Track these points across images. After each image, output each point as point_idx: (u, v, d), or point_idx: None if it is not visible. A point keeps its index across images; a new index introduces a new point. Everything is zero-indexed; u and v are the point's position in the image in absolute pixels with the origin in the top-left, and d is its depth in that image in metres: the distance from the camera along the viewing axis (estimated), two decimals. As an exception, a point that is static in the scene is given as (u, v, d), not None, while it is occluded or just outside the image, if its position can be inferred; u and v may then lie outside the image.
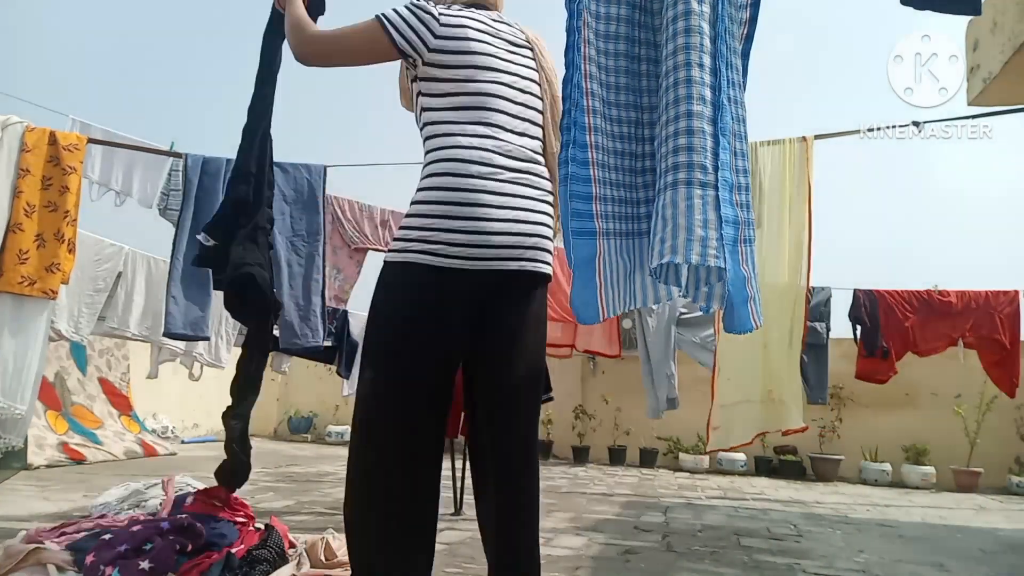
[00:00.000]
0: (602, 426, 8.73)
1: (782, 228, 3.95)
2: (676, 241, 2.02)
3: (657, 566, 3.00)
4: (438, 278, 1.75)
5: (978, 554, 3.74)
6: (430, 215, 1.78)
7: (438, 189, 1.79)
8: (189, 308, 3.72)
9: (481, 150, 1.82)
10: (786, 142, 3.94)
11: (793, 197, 3.91)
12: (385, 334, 1.80)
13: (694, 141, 2.09)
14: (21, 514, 3.56)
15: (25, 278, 3.27)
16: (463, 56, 1.86)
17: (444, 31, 1.86)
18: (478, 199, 1.79)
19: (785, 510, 5.10)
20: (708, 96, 2.13)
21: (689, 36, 2.13)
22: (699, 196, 2.05)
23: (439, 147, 1.84)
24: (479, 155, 1.82)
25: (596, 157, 2.29)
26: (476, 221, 1.77)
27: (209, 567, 2.14)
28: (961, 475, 7.23)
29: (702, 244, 2.02)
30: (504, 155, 1.86)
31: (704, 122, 2.12)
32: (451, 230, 1.76)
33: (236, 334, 6.27)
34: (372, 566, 1.70)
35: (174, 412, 8.63)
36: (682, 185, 2.07)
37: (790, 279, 3.94)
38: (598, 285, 2.30)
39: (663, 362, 5.71)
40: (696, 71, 2.12)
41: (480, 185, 1.80)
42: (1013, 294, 5.94)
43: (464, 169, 1.79)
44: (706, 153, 2.11)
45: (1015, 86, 3.65)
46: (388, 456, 1.72)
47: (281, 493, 4.84)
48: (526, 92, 1.97)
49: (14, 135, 3.37)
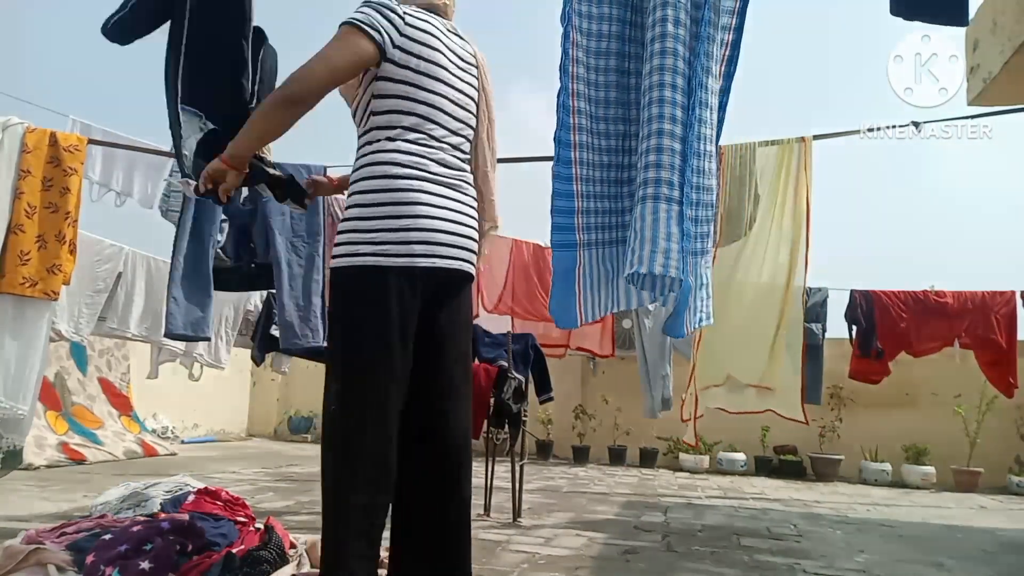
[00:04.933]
0: (602, 426, 8.73)
1: (779, 228, 3.96)
2: (643, 252, 2.17)
3: (657, 566, 3.01)
4: (386, 278, 1.80)
5: (978, 554, 3.74)
6: (371, 217, 1.82)
7: (377, 192, 1.83)
8: (190, 309, 3.71)
9: (418, 156, 1.86)
10: (785, 142, 3.94)
11: (791, 197, 3.92)
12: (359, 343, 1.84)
13: (663, 158, 2.23)
14: (21, 514, 3.56)
15: (27, 279, 3.27)
16: (420, 62, 1.88)
17: (408, 31, 1.86)
18: (415, 198, 1.83)
19: (785, 510, 5.10)
20: (679, 116, 2.25)
21: (664, 58, 2.24)
22: (664, 210, 2.20)
23: (378, 150, 1.86)
24: (415, 160, 1.85)
25: (581, 172, 2.38)
26: (415, 219, 1.82)
27: (209, 567, 2.14)
28: (961, 475, 7.23)
29: (665, 256, 2.17)
30: (438, 163, 1.91)
31: (674, 140, 2.24)
32: (391, 229, 1.81)
33: (236, 335, 6.27)
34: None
35: (174, 412, 8.63)
36: (650, 200, 2.21)
37: (786, 279, 3.95)
38: (577, 293, 2.43)
39: (659, 363, 5.76)
40: (669, 91, 2.24)
41: (417, 186, 1.84)
42: (1010, 295, 5.94)
43: (401, 172, 1.83)
44: (673, 170, 2.24)
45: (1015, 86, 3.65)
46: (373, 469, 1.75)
47: (281, 493, 4.84)
48: (465, 109, 2.00)
49: (14, 136, 3.37)
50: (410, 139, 1.87)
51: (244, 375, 10.36)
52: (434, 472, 1.87)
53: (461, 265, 1.92)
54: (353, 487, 1.74)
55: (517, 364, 4.12)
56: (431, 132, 1.90)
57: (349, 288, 1.84)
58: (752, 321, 4.07)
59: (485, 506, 4.09)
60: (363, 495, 1.73)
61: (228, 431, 10.01)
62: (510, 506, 4.02)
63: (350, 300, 1.84)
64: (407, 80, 1.86)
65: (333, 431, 1.81)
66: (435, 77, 1.90)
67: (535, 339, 4.42)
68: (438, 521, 1.87)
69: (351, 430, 1.77)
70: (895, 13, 2.67)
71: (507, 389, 3.80)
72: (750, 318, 4.07)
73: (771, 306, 3.98)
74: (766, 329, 4.02)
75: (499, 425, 3.94)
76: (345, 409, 1.79)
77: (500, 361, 4.04)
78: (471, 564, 1.91)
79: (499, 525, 3.80)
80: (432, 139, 1.90)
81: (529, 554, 3.09)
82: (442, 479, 1.87)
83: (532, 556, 3.05)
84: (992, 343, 5.84)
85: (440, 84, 1.92)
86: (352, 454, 1.76)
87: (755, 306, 4.04)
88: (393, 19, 1.83)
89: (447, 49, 1.95)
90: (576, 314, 2.43)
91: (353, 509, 1.73)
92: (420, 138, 1.88)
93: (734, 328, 4.09)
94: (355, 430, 1.76)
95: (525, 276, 5.72)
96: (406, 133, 1.87)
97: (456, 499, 1.89)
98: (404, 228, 1.81)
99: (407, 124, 1.87)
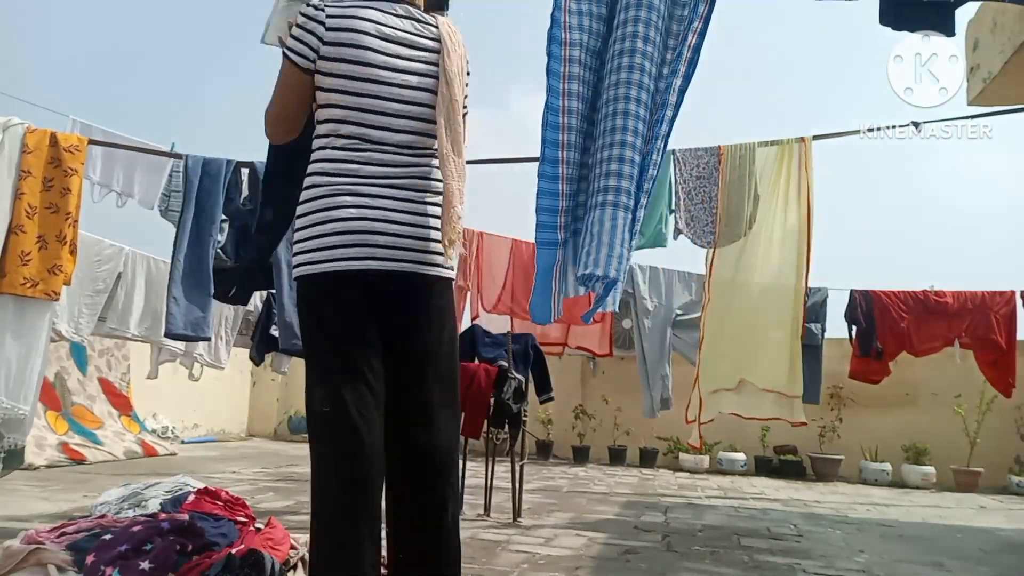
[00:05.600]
0: (602, 426, 8.73)
1: (781, 228, 3.96)
2: (599, 256, 2.31)
3: (657, 566, 3.01)
4: (337, 284, 1.80)
5: (978, 554, 3.74)
6: (311, 224, 1.82)
7: (306, 202, 1.84)
8: (190, 309, 3.71)
9: (346, 162, 1.83)
10: (784, 142, 3.94)
11: (791, 198, 3.92)
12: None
13: (623, 168, 2.35)
14: (21, 514, 3.56)
15: (27, 280, 3.27)
16: (344, 65, 1.82)
17: (330, 36, 1.82)
18: (340, 202, 1.80)
19: (785, 510, 5.11)
20: (641, 129, 2.32)
21: (632, 72, 2.37)
22: (621, 218, 2.33)
23: (315, 159, 1.87)
24: (342, 167, 1.83)
25: (568, 172, 2.45)
26: (341, 222, 1.79)
27: (209, 567, 2.14)
28: (961, 475, 7.23)
29: (619, 261, 2.32)
30: (376, 164, 1.85)
31: (635, 152, 2.35)
32: (317, 236, 1.80)
33: (236, 335, 6.27)
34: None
35: (174, 412, 8.63)
36: (609, 207, 2.33)
37: (795, 279, 3.95)
38: (552, 291, 2.52)
39: (658, 363, 5.77)
40: (634, 105, 2.35)
41: (343, 189, 1.81)
42: (1009, 295, 5.94)
43: (324, 180, 1.82)
44: (632, 180, 2.36)
45: (1015, 86, 3.66)
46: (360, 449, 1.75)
47: (281, 493, 4.84)
48: (411, 102, 1.89)
49: (15, 136, 3.36)
50: (338, 145, 1.84)
51: (244, 375, 10.36)
52: (409, 469, 1.85)
53: (413, 267, 1.85)
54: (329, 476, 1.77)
55: (517, 364, 4.12)
56: (365, 136, 1.85)
57: (302, 296, 1.89)
58: (761, 323, 4.07)
59: (485, 506, 4.09)
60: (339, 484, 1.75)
61: (228, 431, 10.01)
62: (510, 506, 4.02)
63: (302, 309, 1.91)
64: (335, 88, 1.83)
65: (310, 427, 1.86)
66: (365, 78, 1.83)
67: (535, 339, 4.43)
68: (417, 516, 1.85)
69: (319, 424, 1.80)
70: (884, 23, 2.76)
71: (507, 389, 3.80)
72: (758, 320, 4.07)
73: (781, 308, 3.98)
74: (779, 332, 4.02)
75: (499, 425, 3.94)
76: (312, 406, 1.83)
77: (500, 361, 4.04)
78: (457, 563, 1.89)
79: (499, 525, 3.80)
80: (367, 141, 1.85)
81: (529, 554, 3.09)
82: (417, 477, 1.85)
83: (532, 556, 3.05)
84: (992, 343, 5.84)
85: (372, 84, 1.84)
86: (322, 447, 1.79)
87: (762, 308, 4.04)
88: (315, 29, 1.81)
89: (383, 42, 1.86)
90: (551, 310, 2.56)
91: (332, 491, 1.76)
92: (351, 143, 1.84)
93: (741, 330, 4.08)
94: (321, 424, 1.79)
95: (525, 275, 5.72)
96: (336, 140, 1.84)
97: (434, 497, 1.86)
98: (330, 233, 1.79)
99: (342, 132, 1.84)
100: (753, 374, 4.09)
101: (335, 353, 1.81)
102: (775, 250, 3.98)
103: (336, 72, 1.82)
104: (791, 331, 3.97)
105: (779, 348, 4.01)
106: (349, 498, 1.73)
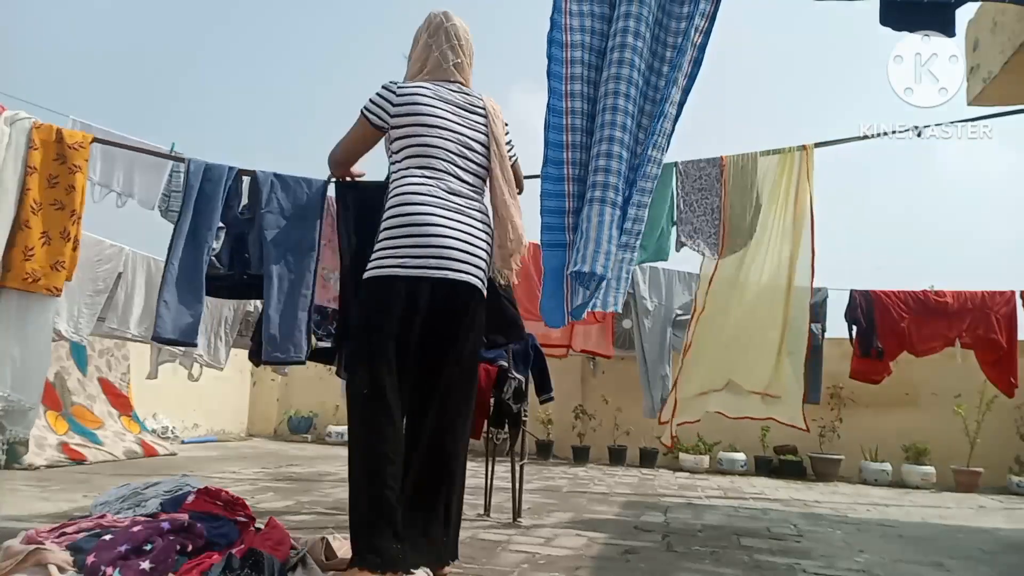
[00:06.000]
0: (602, 426, 8.73)
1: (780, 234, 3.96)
2: (586, 252, 2.31)
3: (657, 566, 3.01)
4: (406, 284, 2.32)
5: (978, 554, 3.74)
6: (394, 237, 2.36)
7: (397, 216, 2.38)
8: (180, 314, 3.66)
9: (426, 184, 2.41)
10: (786, 151, 3.94)
11: (793, 206, 3.92)
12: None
13: (611, 164, 2.35)
14: (21, 514, 3.56)
15: (30, 275, 3.28)
16: (412, 117, 2.46)
17: (400, 100, 2.48)
18: (427, 220, 2.35)
19: (785, 510, 5.11)
20: (630, 125, 2.31)
21: (621, 67, 2.35)
22: (609, 214, 2.33)
23: (396, 186, 2.45)
24: (425, 188, 2.40)
25: (573, 173, 2.43)
26: (428, 237, 2.34)
27: (209, 567, 2.14)
28: (961, 475, 7.23)
29: (606, 257, 2.32)
30: (445, 190, 2.43)
31: (623, 148, 2.34)
32: (411, 246, 2.33)
33: (235, 336, 6.26)
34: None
35: (174, 412, 8.63)
36: (597, 202, 2.34)
37: (786, 283, 3.96)
38: (564, 293, 2.49)
39: (658, 363, 5.77)
40: (622, 100, 2.32)
41: (428, 210, 2.37)
42: (1010, 294, 5.94)
43: (414, 199, 2.38)
44: (620, 176, 2.36)
45: (1015, 86, 3.66)
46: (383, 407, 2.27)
47: (281, 493, 4.84)
48: (469, 148, 2.52)
49: (21, 131, 3.35)
50: (416, 173, 2.44)
51: (244, 375, 10.36)
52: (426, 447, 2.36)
53: (461, 276, 2.37)
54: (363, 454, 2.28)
55: (517, 364, 4.11)
56: (433, 164, 2.44)
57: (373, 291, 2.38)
58: (753, 327, 4.08)
59: (485, 506, 4.09)
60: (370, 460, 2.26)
61: (228, 431, 10.01)
62: (510, 506, 4.02)
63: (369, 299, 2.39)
64: (406, 134, 2.47)
65: (349, 407, 2.37)
66: (428, 125, 2.46)
67: (535, 339, 4.42)
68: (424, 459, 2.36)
69: (357, 400, 2.32)
70: (884, 23, 2.78)
71: (507, 389, 3.80)
72: (751, 324, 4.08)
73: (773, 311, 3.99)
74: (769, 335, 4.03)
75: (499, 425, 3.93)
76: (354, 382, 2.36)
77: (500, 361, 4.03)
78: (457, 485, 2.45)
79: (499, 525, 3.80)
80: (435, 170, 2.44)
81: (529, 554, 3.09)
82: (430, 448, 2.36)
83: (532, 556, 3.05)
84: (993, 343, 5.84)
85: (435, 130, 2.46)
86: (358, 420, 2.33)
87: (755, 312, 4.05)
88: (388, 97, 2.50)
89: (442, 102, 2.51)
90: (564, 313, 2.53)
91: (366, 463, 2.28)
92: (426, 172, 2.43)
93: (734, 334, 4.09)
94: (359, 399, 2.32)
95: (526, 275, 5.72)
96: (413, 170, 2.45)
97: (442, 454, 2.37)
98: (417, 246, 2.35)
99: (413, 164, 2.45)
100: (741, 375, 4.11)
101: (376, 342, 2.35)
102: (776, 256, 3.98)
103: (407, 123, 2.47)
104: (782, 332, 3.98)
105: (769, 350, 4.02)
106: (376, 463, 2.25)
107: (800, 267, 3.93)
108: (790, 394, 4.07)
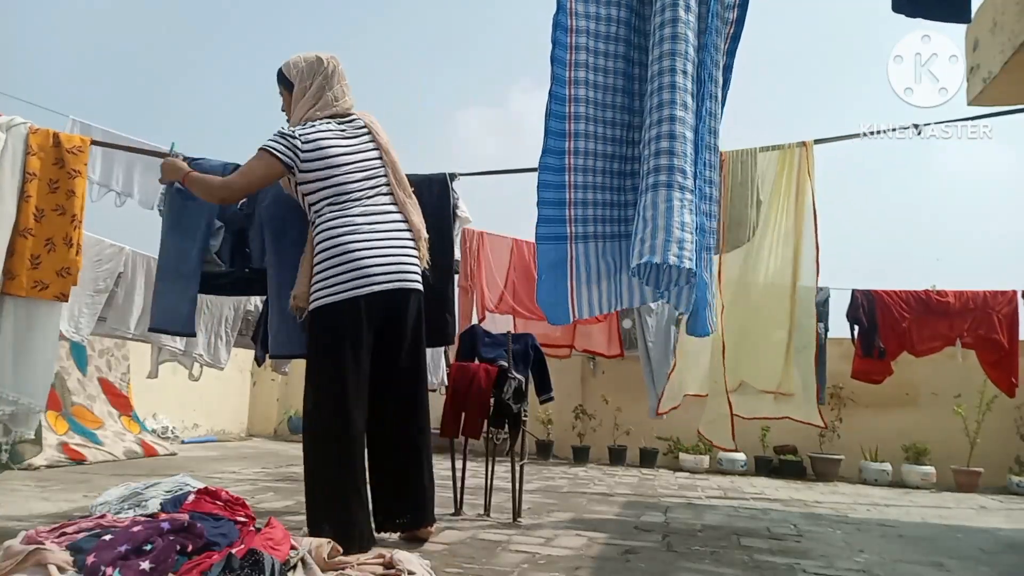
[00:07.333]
0: (602, 426, 8.73)
1: (783, 232, 3.96)
2: (655, 241, 2.08)
3: (657, 566, 3.01)
4: (351, 305, 2.75)
5: (978, 554, 3.74)
6: (330, 267, 2.78)
7: (329, 249, 2.79)
8: (174, 303, 3.73)
9: (345, 217, 2.80)
10: (786, 147, 3.94)
11: (793, 202, 3.92)
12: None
13: (675, 145, 2.15)
14: (21, 514, 3.56)
15: (38, 283, 3.30)
16: (321, 162, 2.83)
17: (307, 147, 2.82)
18: (357, 246, 2.77)
19: (785, 510, 5.10)
20: (690, 103, 2.18)
21: (675, 43, 2.17)
22: (678, 199, 2.11)
23: (322, 225, 2.84)
24: (344, 220, 2.80)
25: (577, 163, 2.32)
26: (358, 261, 2.76)
27: (209, 567, 2.14)
28: (961, 475, 7.23)
29: (679, 245, 2.09)
30: (360, 217, 2.81)
31: (686, 128, 2.16)
32: (345, 272, 2.76)
33: (235, 335, 6.26)
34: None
35: (174, 412, 8.63)
36: (663, 187, 2.13)
37: (791, 281, 3.95)
38: (569, 288, 2.36)
39: (662, 362, 5.74)
40: (680, 77, 2.16)
41: (352, 239, 2.78)
42: (1011, 294, 5.94)
43: (341, 232, 2.79)
44: (686, 158, 2.17)
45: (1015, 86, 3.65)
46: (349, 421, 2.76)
47: (281, 493, 4.84)
48: (369, 170, 2.91)
49: (18, 137, 3.34)
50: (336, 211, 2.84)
51: (244, 375, 10.36)
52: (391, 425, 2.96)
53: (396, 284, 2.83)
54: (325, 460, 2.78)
55: (517, 364, 4.11)
56: (348, 197, 2.83)
57: (324, 322, 2.82)
58: (760, 326, 4.07)
59: (485, 506, 4.09)
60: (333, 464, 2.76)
61: (228, 431, 10.00)
62: (510, 506, 4.02)
63: (323, 327, 2.82)
64: (318, 178, 2.84)
65: (307, 420, 2.88)
66: (336, 165, 2.84)
67: (535, 339, 4.42)
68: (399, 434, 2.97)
69: (318, 411, 2.82)
70: (897, 10, 2.67)
71: (507, 389, 3.80)
72: (758, 323, 4.07)
73: (779, 310, 3.98)
74: (777, 334, 4.02)
75: (499, 425, 3.93)
76: (316, 398, 2.84)
77: (500, 361, 4.03)
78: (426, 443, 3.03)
79: (499, 525, 3.80)
80: (351, 202, 2.83)
81: (529, 554, 3.09)
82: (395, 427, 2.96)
83: (532, 556, 3.05)
84: (994, 343, 5.85)
85: (342, 168, 2.84)
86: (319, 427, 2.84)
87: (762, 311, 4.04)
88: (296, 144, 2.83)
89: (338, 137, 2.89)
90: (568, 309, 2.38)
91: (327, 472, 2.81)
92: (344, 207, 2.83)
93: (742, 334, 4.08)
94: (318, 411, 2.82)
95: (526, 275, 5.72)
96: (332, 209, 2.84)
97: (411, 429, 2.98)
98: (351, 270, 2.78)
99: (330, 202, 2.84)
100: (753, 376, 4.10)
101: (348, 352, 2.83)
102: (780, 254, 3.98)
103: (315, 167, 2.83)
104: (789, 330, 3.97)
105: (778, 349, 4.02)
106: (339, 446, 2.75)
107: (804, 264, 3.93)
108: (803, 392, 4.06)
